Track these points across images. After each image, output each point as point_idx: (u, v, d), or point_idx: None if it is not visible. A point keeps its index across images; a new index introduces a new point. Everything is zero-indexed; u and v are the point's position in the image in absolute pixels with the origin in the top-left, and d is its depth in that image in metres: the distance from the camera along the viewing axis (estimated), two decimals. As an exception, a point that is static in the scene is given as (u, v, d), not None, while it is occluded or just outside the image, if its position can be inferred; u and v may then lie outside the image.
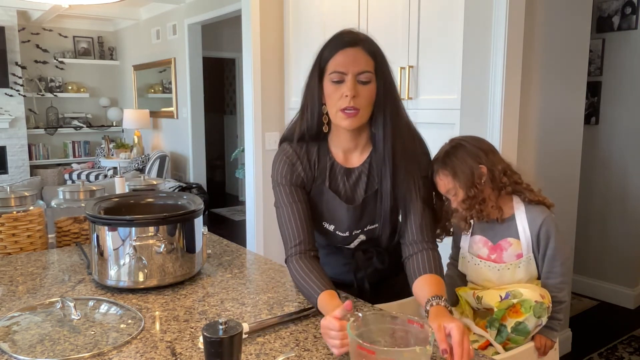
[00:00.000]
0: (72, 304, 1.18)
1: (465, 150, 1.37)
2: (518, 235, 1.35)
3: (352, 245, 1.41)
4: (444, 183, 1.35)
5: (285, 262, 1.34)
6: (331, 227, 1.37)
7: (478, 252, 1.41)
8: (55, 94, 6.94)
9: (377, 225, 1.36)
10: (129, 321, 1.19)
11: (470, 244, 1.43)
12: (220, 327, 0.88)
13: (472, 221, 1.40)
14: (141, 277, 1.37)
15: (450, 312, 1.10)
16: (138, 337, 1.12)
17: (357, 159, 1.35)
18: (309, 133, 1.31)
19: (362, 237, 1.39)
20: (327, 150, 1.34)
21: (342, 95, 1.21)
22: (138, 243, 1.35)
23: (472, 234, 1.43)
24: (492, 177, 1.35)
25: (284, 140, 1.38)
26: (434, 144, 1.44)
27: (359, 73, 1.21)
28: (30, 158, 6.76)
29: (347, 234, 1.37)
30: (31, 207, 1.76)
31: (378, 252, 1.42)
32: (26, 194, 1.77)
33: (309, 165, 1.33)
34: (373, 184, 1.33)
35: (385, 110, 1.25)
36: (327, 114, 1.28)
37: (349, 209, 1.33)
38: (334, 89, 1.22)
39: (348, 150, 1.34)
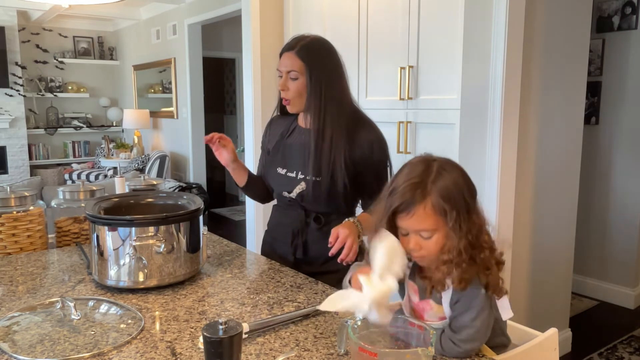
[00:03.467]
0: (72, 304, 1.18)
1: (463, 178, 1.05)
2: (441, 301, 1.07)
3: (294, 194, 1.64)
4: (426, 219, 1.01)
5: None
6: (283, 171, 1.68)
7: (410, 294, 1.15)
8: (55, 94, 6.94)
9: (319, 179, 1.59)
10: (129, 321, 1.19)
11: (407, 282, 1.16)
12: (220, 327, 0.88)
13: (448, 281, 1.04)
14: (141, 277, 1.37)
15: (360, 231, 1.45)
16: (138, 337, 1.12)
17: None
18: (279, 109, 1.76)
19: (303, 186, 1.62)
20: (294, 120, 1.72)
21: (278, 87, 1.62)
22: (138, 243, 1.35)
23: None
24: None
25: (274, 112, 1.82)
26: (434, 144, 1.44)
27: (288, 72, 1.58)
28: (30, 158, 6.76)
29: (294, 174, 1.65)
30: (31, 207, 1.76)
31: (317, 215, 1.65)
32: (26, 194, 1.77)
33: (275, 130, 1.77)
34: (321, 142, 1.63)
35: (311, 98, 1.58)
36: None
37: (299, 148, 1.64)
38: (279, 81, 1.63)
39: (307, 118, 1.66)
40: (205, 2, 5.43)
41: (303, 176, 1.63)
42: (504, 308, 1.09)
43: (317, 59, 1.58)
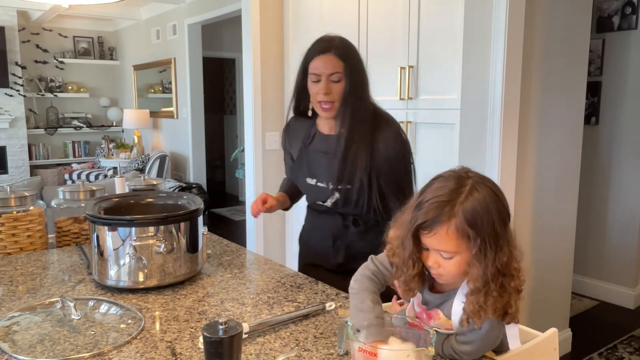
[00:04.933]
0: (72, 304, 1.18)
1: (496, 203, 0.98)
2: (451, 315, 1.05)
3: (329, 203, 1.63)
4: (448, 241, 0.96)
5: None
6: (313, 181, 1.65)
7: (414, 304, 1.15)
8: (55, 94, 6.94)
9: (350, 187, 1.57)
10: (129, 321, 1.19)
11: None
12: (220, 327, 0.88)
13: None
14: (141, 277, 1.37)
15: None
16: (138, 337, 1.12)
17: (335, 129, 1.62)
18: (298, 112, 1.70)
19: (337, 195, 1.60)
20: (313, 125, 1.68)
21: (318, 91, 1.54)
22: (138, 243, 1.35)
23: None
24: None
25: (289, 115, 1.77)
26: (434, 144, 1.44)
27: (330, 74, 1.52)
28: (30, 158, 6.76)
29: (325, 184, 1.62)
30: (31, 207, 1.76)
31: (354, 219, 1.63)
32: (26, 194, 1.77)
33: (295, 136, 1.71)
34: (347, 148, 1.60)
35: (348, 99, 1.54)
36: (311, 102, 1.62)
37: (325, 158, 1.61)
38: (313, 86, 1.56)
39: (331, 126, 1.64)
40: (205, 2, 5.43)
41: (334, 186, 1.60)
42: (513, 337, 1.06)
43: (355, 59, 1.56)
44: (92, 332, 1.13)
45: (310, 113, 1.66)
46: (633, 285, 3.50)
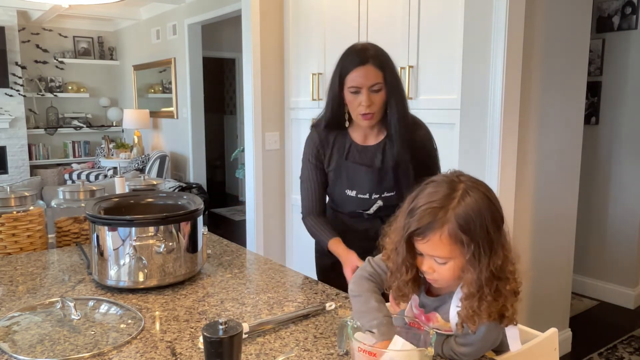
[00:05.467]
0: (72, 304, 1.18)
1: (489, 207, 0.96)
2: (449, 318, 1.06)
3: (371, 211, 1.63)
4: (441, 247, 0.96)
5: (302, 219, 1.73)
6: (353, 193, 1.64)
7: (412, 307, 1.15)
8: (55, 94, 6.94)
9: (394, 193, 1.59)
10: (129, 321, 1.19)
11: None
12: (220, 327, 0.88)
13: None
14: (141, 277, 1.37)
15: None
16: (138, 337, 1.12)
17: (373, 140, 1.64)
18: (333, 125, 1.65)
19: (380, 203, 1.61)
20: (346, 135, 1.66)
21: (359, 103, 1.52)
22: (138, 243, 1.35)
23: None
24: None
25: (314, 125, 1.72)
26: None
27: (371, 85, 1.51)
28: (30, 158, 6.76)
29: (367, 196, 1.62)
30: (31, 207, 1.76)
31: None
32: (26, 194, 1.77)
33: (329, 147, 1.67)
34: (388, 159, 1.61)
35: (392, 106, 1.55)
36: (348, 112, 1.60)
37: (367, 172, 1.60)
38: (353, 98, 1.54)
39: (365, 135, 1.65)
40: (205, 2, 5.43)
41: (377, 196, 1.62)
42: (513, 338, 1.05)
43: (391, 66, 1.56)
44: (92, 332, 1.13)
45: (347, 124, 1.64)
46: (633, 285, 3.50)
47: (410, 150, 1.59)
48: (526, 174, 2.50)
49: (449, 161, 2.32)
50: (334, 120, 1.63)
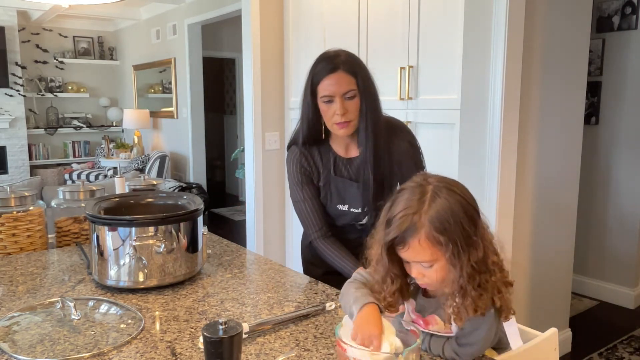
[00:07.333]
0: (72, 304, 1.18)
1: (460, 204, 0.97)
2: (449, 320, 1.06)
3: (365, 220, 1.60)
4: (422, 251, 0.96)
5: (311, 243, 1.63)
6: (345, 207, 1.60)
7: (409, 311, 1.14)
8: (55, 94, 6.94)
9: (383, 202, 1.50)
10: (129, 321, 1.19)
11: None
12: (220, 327, 0.88)
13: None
14: (141, 277, 1.37)
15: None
16: (138, 337, 1.12)
17: (355, 151, 1.59)
18: (310, 138, 1.58)
19: (374, 214, 1.55)
20: (329, 148, 1.60)
21: (334, 112, 1.47)
22: (138, 243, 1.35)
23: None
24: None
25: (292, 144, 1.66)
26: (434, 144, 1.44)
27: (344, 93, 1.46)
28: (30, 158, 6.76)
29: (359, 209, 1.58)
30: (31, 207, 1.76)
31: None
32: (26, 194, 1.77)
33: (314, 162, 1.61)
34: (373, 172, 1.55)
35: (367, 115, 1.49)
36: (324, 123, 1.54)
37: (358, 186, 1.56)
38: (327, 108, 1.48)
39: (347, 146, 1.59)
40: (205, 2, 5.43)
41: (369, 208, 1.58)
42: (513, 335, 1.06)
43: (364, 71, 1.49)
44: (92, 332, 1.13)
45: (323, 136, 1.58)
46: (633, 285, 3.50)
47: (390, 163, 1.54)
48: (526, 174, 2.50)
49: (449, 161, 2.32)
50: (311, 133, 1.56)
